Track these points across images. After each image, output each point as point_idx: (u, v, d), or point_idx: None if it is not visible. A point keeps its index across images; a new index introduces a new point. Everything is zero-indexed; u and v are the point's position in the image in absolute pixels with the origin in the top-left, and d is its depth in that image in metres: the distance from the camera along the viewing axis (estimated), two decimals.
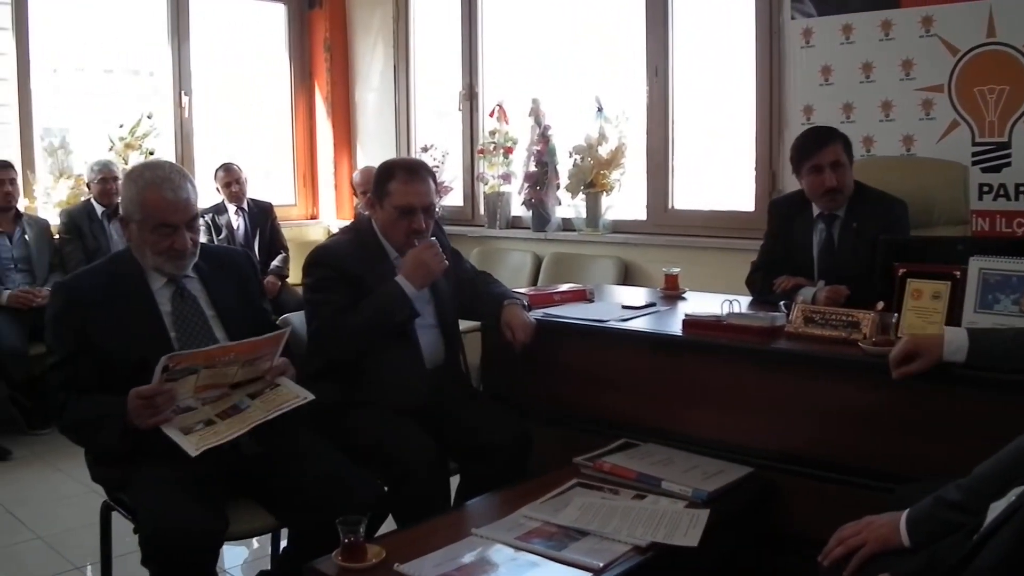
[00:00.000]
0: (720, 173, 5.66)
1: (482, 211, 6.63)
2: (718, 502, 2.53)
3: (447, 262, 3.12)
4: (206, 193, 6.64)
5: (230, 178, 6.52)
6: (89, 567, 3.64)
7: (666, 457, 2.81)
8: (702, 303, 3.47)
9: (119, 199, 5.88)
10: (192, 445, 2.38)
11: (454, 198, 6.88)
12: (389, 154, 6.99)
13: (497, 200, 6.40)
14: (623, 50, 5.96)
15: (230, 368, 2.49)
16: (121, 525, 2.73)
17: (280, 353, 2.63)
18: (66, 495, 4.40)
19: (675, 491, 2.57)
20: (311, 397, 2.59)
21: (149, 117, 6.65)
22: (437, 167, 6.73)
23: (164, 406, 2.41)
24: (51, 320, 2.67)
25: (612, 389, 3.16)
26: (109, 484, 2.71)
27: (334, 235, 3.59)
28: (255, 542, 3.81)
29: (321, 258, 3.14)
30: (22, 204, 5.90)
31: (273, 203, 6.86)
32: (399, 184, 3.09)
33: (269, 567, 3.34)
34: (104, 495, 2.77)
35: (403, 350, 3.07)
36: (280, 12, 7.67)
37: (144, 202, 2.62)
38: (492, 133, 6.44)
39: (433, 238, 3.15)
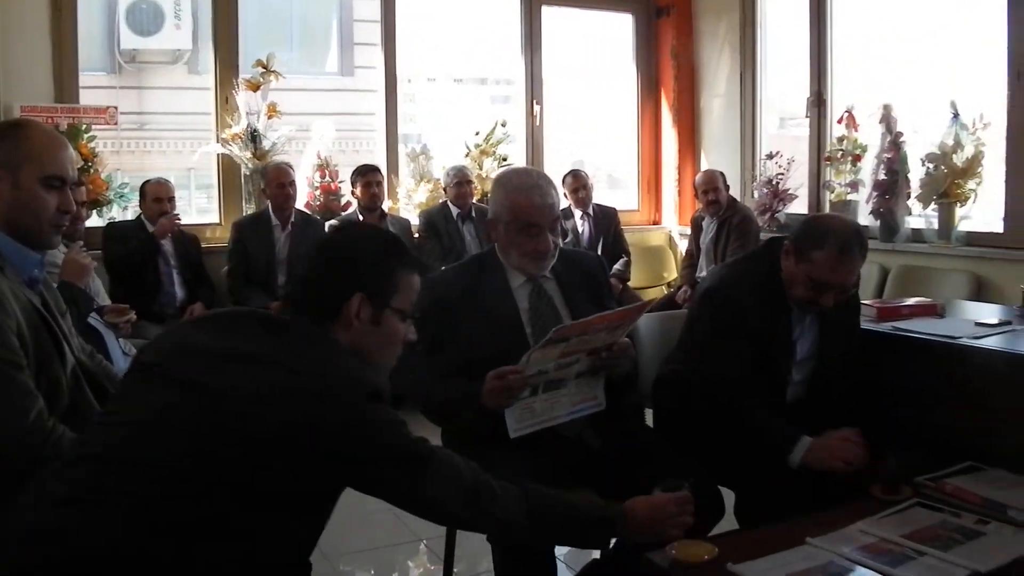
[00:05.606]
0: None
1: None
2: None
3: None
4: None
5: (577, 184, 6.81)
6: (427, 540, 3.95)
7: (1014, 484, 2.69)
8: None
9: (472, 201, 6.37)
10: (512, 426, 2.62)
11: (799, 206, 6.80)
12: (734, 161, 7.04)
13: (843, 209, 6.24)
14: (981, 51, 5.66)
15: (598, 335, 2.63)
16: None
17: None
18: None
19: (1022, 520, 2.46)
20: (603, 407, 2.79)
21: (503, 125, 7.09)
22: (781, 174, 6.69)
23: (517, 387, 2.57)
24: (418, 312, 2.95)
25: (959, 409, 3.02)
26: None
27: (732, 265, 3.34)
28: None
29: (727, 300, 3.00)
30: (386, 205, 6.48)
31: (617, 208, 7.08)
32: None
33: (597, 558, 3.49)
34: None
35: None
36: (627, 22, 7.90)
37: (513, 205, 2.83)
38: (840, 140, 6.32)
39: None
